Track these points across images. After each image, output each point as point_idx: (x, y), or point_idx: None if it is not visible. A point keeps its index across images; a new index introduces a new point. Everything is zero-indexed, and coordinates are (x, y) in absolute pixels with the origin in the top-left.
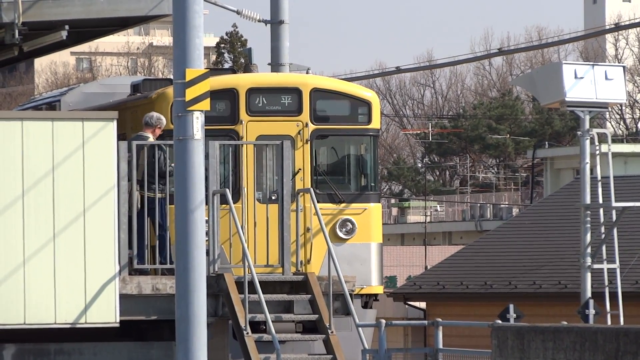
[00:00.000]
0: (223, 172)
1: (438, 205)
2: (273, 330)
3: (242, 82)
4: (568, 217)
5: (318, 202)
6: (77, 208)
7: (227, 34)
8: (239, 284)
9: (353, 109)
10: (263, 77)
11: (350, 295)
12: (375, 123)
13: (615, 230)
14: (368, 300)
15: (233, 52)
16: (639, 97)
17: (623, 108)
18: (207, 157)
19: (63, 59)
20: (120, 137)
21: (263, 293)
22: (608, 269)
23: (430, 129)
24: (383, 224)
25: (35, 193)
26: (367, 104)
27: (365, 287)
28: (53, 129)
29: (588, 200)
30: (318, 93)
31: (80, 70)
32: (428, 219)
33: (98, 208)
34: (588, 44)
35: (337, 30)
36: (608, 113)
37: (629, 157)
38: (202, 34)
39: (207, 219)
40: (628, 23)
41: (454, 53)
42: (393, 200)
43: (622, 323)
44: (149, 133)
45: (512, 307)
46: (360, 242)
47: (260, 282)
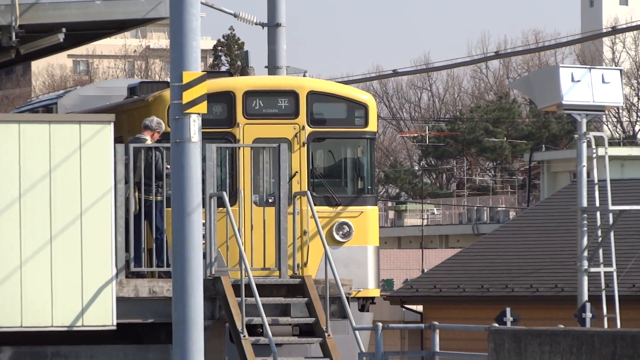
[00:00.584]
0: (220, 175)
1: (435, 209)
2: (270, 333)
3: (239, 85)
4: (565, 220)
5: (315, 205)
6: (74, 211)
7: (224, 37)
8: (236, 287)
9: (350, 112)
10: (260, 80)
11: (347, 299)
12: (372, 126)
13: (612, 234)
14: (365, 304)
15: (230, 55)
16: (636, 100)
17: (620, 111)
18: (204, 159)
19: (60, 62)
20: (117, 139)
21: (260, 296)
22: (605, 272)
23: (427, 132)
24: (380, 227)
25: (32, 196)
26: (363, 107)
27: (362, 290)
28: (50, 132)
29: (585, 204)
30: (315, 96)
31: (77, 73)
32: (425, 222)
33: (95, 211)
34: (585, 47)
35: (334, 34)
36: (605, 116)
37: (626, 160)
38: (199, 37)
39: (204, 222)
40: (625, 26)
41: (451, 56)
42: (390, 203)
43: (618, 326)
44: (147, 136)
45: (508, 310)
46: (357, 245)
47: (257, 285)
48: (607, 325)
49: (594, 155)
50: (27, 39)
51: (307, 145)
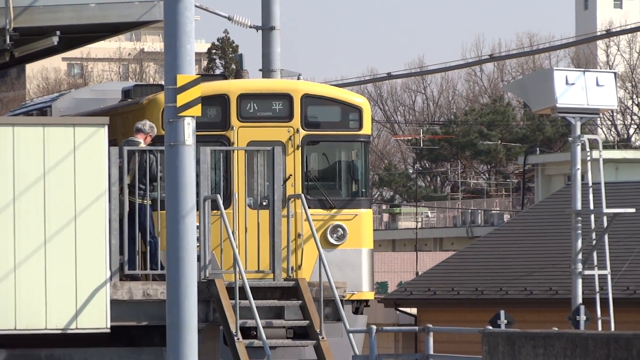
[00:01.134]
0: (214, 178)
1: (429, 211)
2: (264, 336)
3: (233, 88)
4: (559, 223)
5: (309, 207)
6: (68, 213)
7: (218, 40)
8: (230, 290)
9: (344, 115)
10: (254, 83)
11: (341, 301)
12: (366, 129)
13: (607, 237)
14: (359, 306)
15: (224, 58)
16: (630, 103)
17: (614, 114)
18: (198, 162)
19: (54, 65)
20: (112, 142)
21: (254, 299)
22: (599, 275)
23: (422, 135)
24: (374, 230)
25: (26, 198)
26: (358, 110)
27: (356, 292)
28: (44, 135)
29: (579, 207)
30: (309, 99)
31: (72, 76)
32: (419, 225)
33: (89, 213)
34: (579, 50)
35: (328, 37)
36: (599, 119)
37: (620, 163)
38: (193, 40)
39: (198, 225)
40: (619, 29)
41: (445, 59)
42: (384, 206)
43: (612, 329)
44: (140, 139)
45: (503, 313)
46: (351, 248)
47: (251, 287)
48: (601, 328)
49: (588, 158)
50: (21, 42)
51: (301, 148)
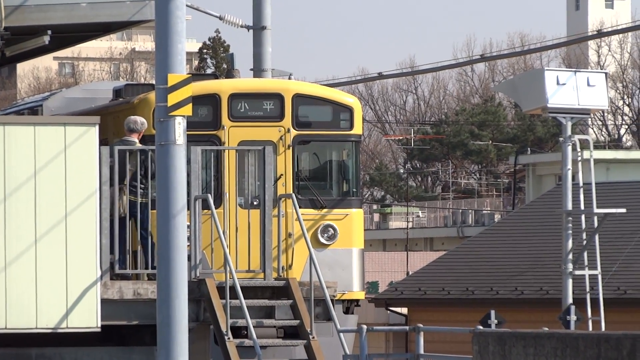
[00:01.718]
0: (205, 177)
1: (420, 211)
2: (254, 336)
3: (224, 87)
4: (550, 223)
5: (300, 207)
6: (58, 213)
7: (209, 40)
8: (221, 289)
9: (335, 115)
10: (245, 82)
11: (332, 301)
12: (357, 129)
13: (597, 237)
14: (349, 306)
15: (215, 57)
16: (621, 103)
17: (605, 114)
18: (189, 162)
19: (45, 64)
20: (102, 142)
21: (244, 298)
22: (589, 275)
23: (413, 135)
24: (365, 230)
25: (17, 198)
26: (349, 110)
27: (347, 292)
28: (35, 134)
29: (570, 207)
30: (300, 99)
31: (63, 75)
32: (410, 225)
33: (80, 213)
34: (570, 51)
35: (319, 36)
36: (590, 119)
37: (611, 163)
38: (184, 40)
39: (188, 224)
40: (610, 30)
41: (437, 59)
42: (375, 206)
43: (603, 329)
44: (135, 138)
45: (493, 313)
46: (342, 247)
47: (242, 287)
48: (591, 328)
49: (579, 159)
50: (12, 41)
51: (292, 148)
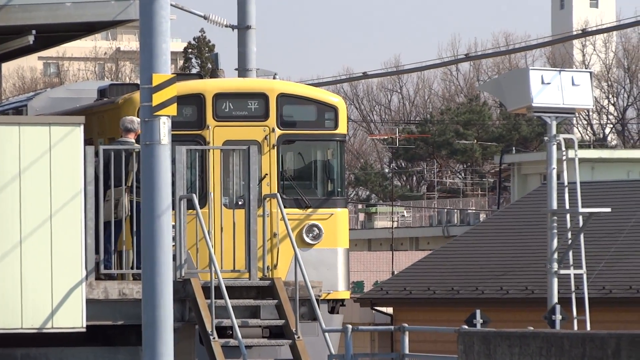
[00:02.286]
0: (190, 177)
1: (405, 211)
2: (239, 335)
3: (209, 87)
4: (535, 222)
5: (285, 207)
6: (43, 213)
7: (194, 39)
8: (206, 289)
9: (320, 114)
10: (230, 82)
11: (317, 301)
12: (342, 128)
13: (582, 236)
14: (335, 306)
15: (200, 57)
16: (606, 102)
17: (590, 114)
18: (173, 162)
19: (30, 64)
20: (87, 142)
21: (230, 298)
22: (575, 275)
23: (398, 135)
24: (350, 229)
25: (2, 198)
26: (333, 109)
27: (332, 292)
28: (20, 134)
29: (555, 206)
30: (285, 98)
31: (48, 75)
32: (395, 225)
33: (65, 213)
34: (555, 50)
35: (304, 36)
36: (575, 119)
37: (596, 162)
38: (169, 39)
39: (173, 224)
40: (595, 29)
41: (422, 58)
42: (360, 206)
43: (588, 329)
44: (132, 138)
45: (478, 312)
46: (327, 247)
47: (227, 287)
48: (576, 328)
49: (564, 158)
50: None
51: (277, 148)
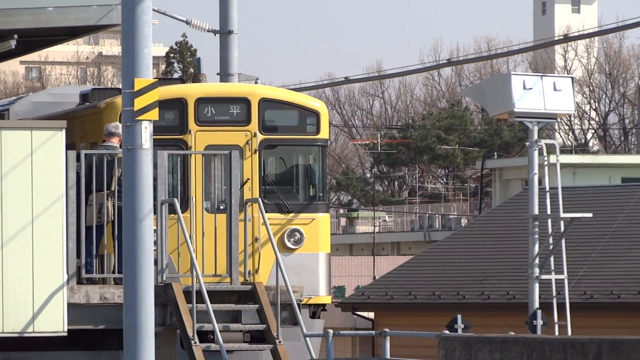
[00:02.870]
0: (171, 181)
1: (387, 216)
2: (221, 340)
3: (190, 92)
4: (516, 227)
5: (266, 212)
6: (25, 217)
7: (176, 44)
8: (187, 294)
9: (302, 119)
10: (212, 87)
11: (298, 305)
12: (324, 133)
13: (564, 241)
14: (316, 310)
15: (182, 62)
16: (588, 108)
17: (572, 119)
18: (155, 166)
19: (12, 68)
20: (69, 146)
21: (211, 303)
22: (556, 280)
23: (379, 139)
24: (331, 234)
25: None
26: (315, 114)
27: (313, 297)
28: (1, 138)
29: (536, 211)
30: (267, 103)
31: (30, 80)
32: (377, 229)
33: (46, 217)
34: (537, 55)
35: (286, 41)
36: (557, 124)
37: (578, 168)
38: (151, 44)
39: (155, 229)
40: (577, 34)
41: (403, 63)
42: (342, 211)
43: (569, 334)
44: (116, 142)
45: (460, 317)
46: (309, 252)
47: (208, 291)
48: (558, 333)
49: (546, 163)
50: None
51: (258, 152)
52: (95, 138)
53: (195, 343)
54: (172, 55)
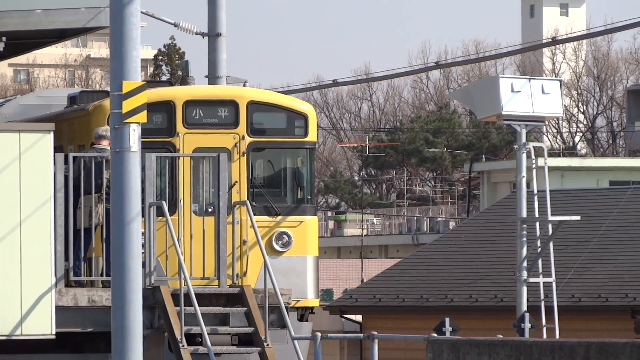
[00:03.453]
0: (160, 184)
1: (375, 219)
2: (209, 343)
3: (179, 94)
4: (504, 230)
5: (254, 214)
6: (13, 219)
7: (164, 47)
8: (175, 296)
9: (290, 122)
10: (200, 89)
11: (286, 308)
12: (312, 136)
13: (552, 244)
14: (304, 313)
15: (170, 64)
16: (576, 111)
17: (560, 122)
18: (143, 169)
19: (0, 70)
20: (57, 149)
21: (199, 305)
22: (544, 283)
23: (367, 142)
24: (319, 237)
25: None
26: (303, 117)
27: (301, 300)
28: None
29: (524, 214)
30: (255, 106)
31: (18, 82)
32: (365, 232)
33: (34, 220)
34: (525, 58)
35: (274, 43)
36: (545, 127)
37: (566, 170)
38: (139, 46)
39: (143, 231)
40: (565, 37)
41: (392, 66)
42: (330, 213)
43: (557, 337)
44: (106, 145)
45: (447, 320)
46: (297, 254)
47: (196, 294)
48: (546, 336)
49: (534, 166)
50: None
51: (246, 155)
52: (84, 140)
53: (183, 346)
54: (160, 58)
